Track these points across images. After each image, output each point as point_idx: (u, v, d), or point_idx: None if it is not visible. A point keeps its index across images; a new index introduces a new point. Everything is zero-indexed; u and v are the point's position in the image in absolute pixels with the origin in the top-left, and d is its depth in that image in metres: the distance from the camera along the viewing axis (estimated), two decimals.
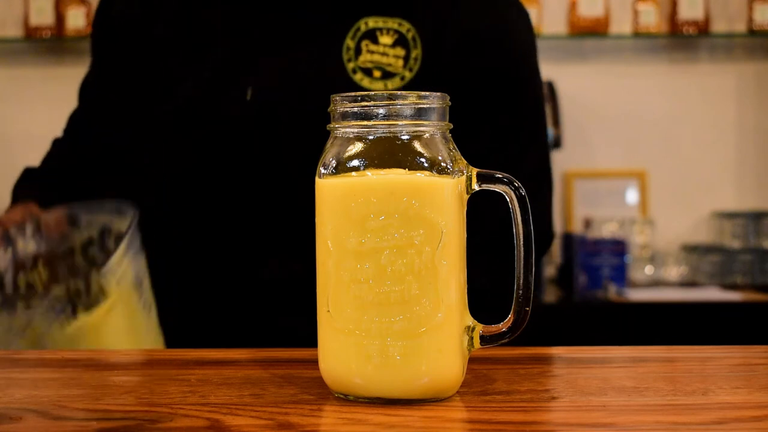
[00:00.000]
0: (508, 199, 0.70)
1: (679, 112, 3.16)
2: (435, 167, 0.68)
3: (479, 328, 0.70)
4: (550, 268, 2.98)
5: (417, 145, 0.68)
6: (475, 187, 0.70)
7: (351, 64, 1.18)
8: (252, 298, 1.22)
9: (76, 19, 3.07)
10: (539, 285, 1.38)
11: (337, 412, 0.66)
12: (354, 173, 0.68)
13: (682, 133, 3.16)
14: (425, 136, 0.69)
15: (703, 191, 3.16)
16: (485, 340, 0.70)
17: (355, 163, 0.68)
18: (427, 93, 0.69)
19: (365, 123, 0.68)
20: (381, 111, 0.68)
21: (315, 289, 0.71)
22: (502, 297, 0.78)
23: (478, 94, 1.20)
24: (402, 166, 0.68)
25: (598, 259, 2.81)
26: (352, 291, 0.67)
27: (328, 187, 0.69)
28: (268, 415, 0.64)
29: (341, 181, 0.68)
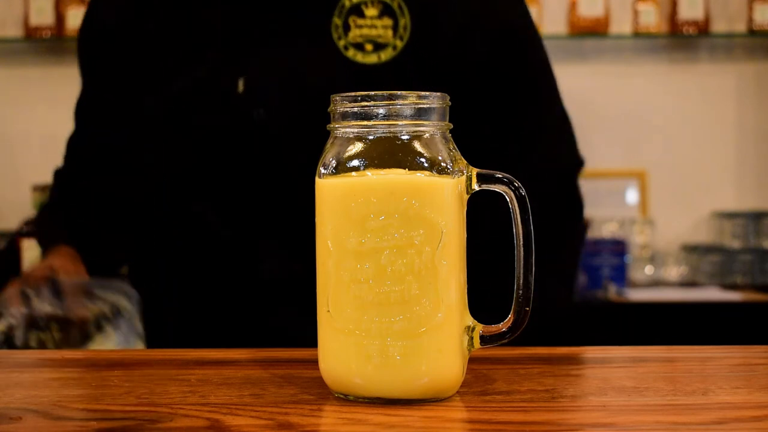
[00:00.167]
0: (508, 199, 0.70)
1: (679, 112, 3.16)
2: (435, 167, 0.68)
3: (479, 328, 0.70)
4: None
5: (417, 145, 0.68)
6: (475, 187, 0.70)
7: (342, 42, 1.19)
8: (252, 297, 1.22)
9: (76, 19, 3.06)
10: (575, 260, 1.32)
11: (337, 412, 0.66)
12: (354, 173, 0.68)
13: (682, 133, 3.16)
14: (425, 136, 0.69)
15: (703, 191, 3.16)
16: (485, 340, 0.70)
17: (355, 163, 0.68)
18: (427, 93, 0.69)
19: (365, 123, 0.68)
20: (381, 111, 0.68)
21: (315, 289, 0.71)
22: (501, 297, 0.78)
23: (477, 56, 1.20)
24: (402, 166, 0.68)
25: (598, 259, 2.81)
26: (352, 291, 0.67)
27: (328, 187, 0.69)
28: (268, 415, 0.64)
29: (341, 181, 0.68)
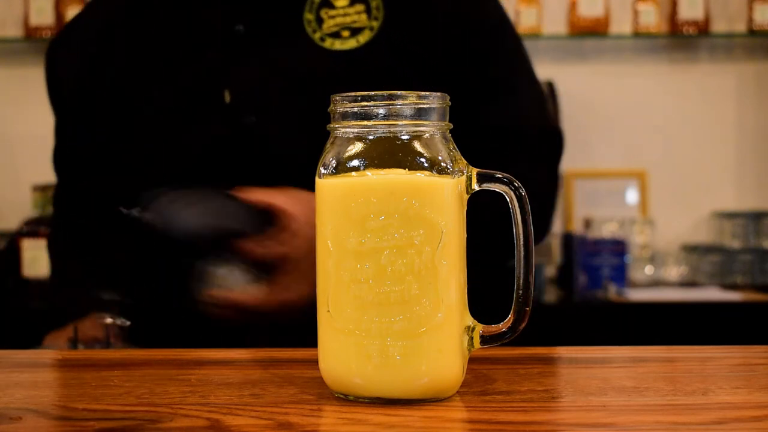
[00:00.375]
0: (508, 199, 0.70)
1: (679, 112, 3.16)
2: (435, 167, 0.68)
3: (479, 328, 0.70)
4: (550, 268, 2.98)
5: (417, 145, 0.68)
6: (475, 187, 0.70)
7: (317, 34, 1.20)
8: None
9: None
10: (545, 221, 1.35)
11: (337, 412, 0.66)
12: (354, 173, 0.68)
13: (682, 133, 3.15)
14: (425, 136, 0.69)
15: (703, 191, 3.16)
16: (485, 340, 0.70)
17: (355, 163, 0.68)
18: (427, 93, 0.69)
19: (365, 123, 0.68)
20: (381, 111, 0.68)
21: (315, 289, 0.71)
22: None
23: (450, 28, 1.21)
24: (402, 166, 0.68)
25: (598, 259, 2.81)
26: (352, 291, 0.67)
27: (328, 187, 0.69)
28: (268, 415, 0.64)
29: (341, 181, 0.68)
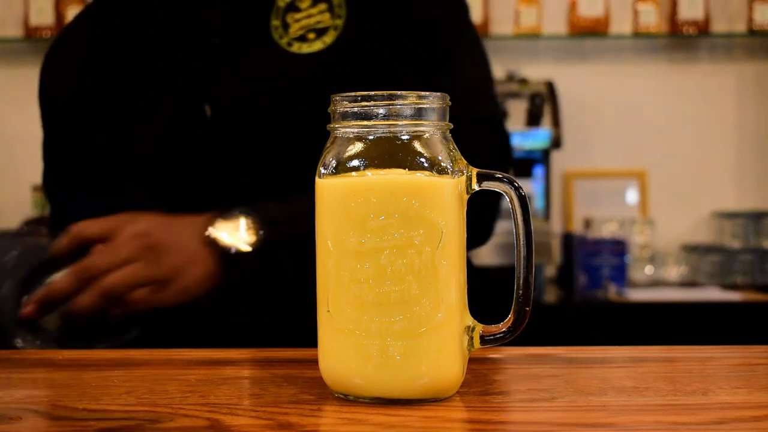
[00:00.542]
0: (508, 198, 0.70)
1: (679, 112, 3.16)
2: (435, 167, 0.68)
3: (479, 328, 0.70)
4: (550, 268, 2.98)
5: (417, 145, 0.68)
6: (475, 186, 0.70)
7: (284, 40, 1.22)
8: (251, 297, 1.22)
9: None
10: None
11: (337, 412, 0.66)
12: (354, 173, 0.68)
13: (682, 133, 3.16)
14: (425, 136, 0.69)
15: (703, 191, 3.16)
16: (485, 340, 0.70)
17: (355, 163, 0.68)
18: (427, 93, 0.69)
19: (365, 123, 0.68)
20: (381, 111, 0.68)
21: (315, 288, 0.71)
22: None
23: (411, 18, 1.23)
24: (402, 166, 0.68)
25: (598, 259, 2.81)
26: (352, 291, 0.67)
27: (328, 187, 0.69)
28: (268, 415, 0.64)
29: (341, 181, 0.68)
